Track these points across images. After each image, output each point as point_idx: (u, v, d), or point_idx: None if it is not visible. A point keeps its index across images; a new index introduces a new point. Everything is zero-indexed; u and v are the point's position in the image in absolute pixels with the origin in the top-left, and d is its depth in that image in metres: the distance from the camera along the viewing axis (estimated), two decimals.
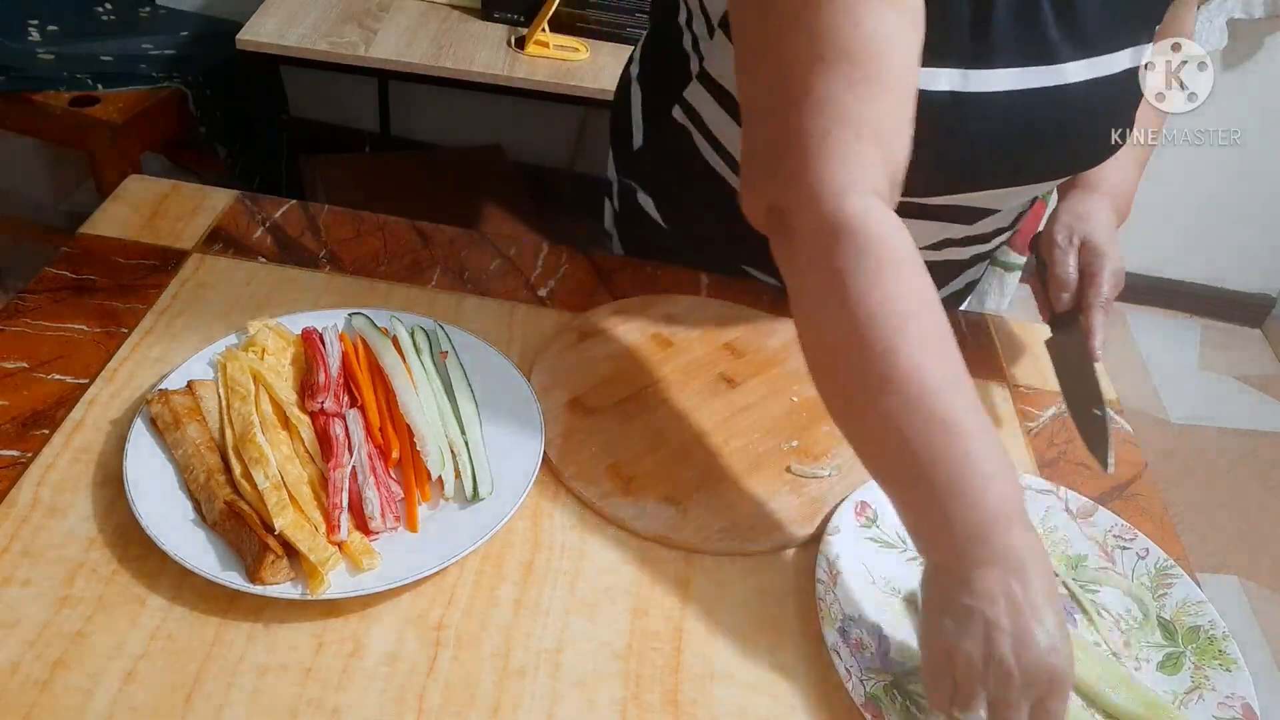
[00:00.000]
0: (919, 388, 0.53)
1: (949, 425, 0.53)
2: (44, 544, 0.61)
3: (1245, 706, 0.62)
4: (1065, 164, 0.78)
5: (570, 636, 0.61)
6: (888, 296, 0.55)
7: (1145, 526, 0.74)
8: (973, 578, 0.52)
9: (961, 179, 0.73)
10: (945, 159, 0.69)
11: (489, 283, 0.88)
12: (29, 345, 0.73)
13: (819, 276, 0.57)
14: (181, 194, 0.92)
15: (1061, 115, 0.72)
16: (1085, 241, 0.78)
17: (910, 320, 0.54)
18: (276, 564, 0.58)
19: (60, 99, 1.75)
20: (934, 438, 0.53)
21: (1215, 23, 2.05)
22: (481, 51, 1.71)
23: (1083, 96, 0.72)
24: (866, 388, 0.55)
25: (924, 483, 0.54)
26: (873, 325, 0.54)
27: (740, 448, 0.75)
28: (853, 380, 0.56)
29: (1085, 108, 0.73)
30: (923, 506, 0.55)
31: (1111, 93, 0.73)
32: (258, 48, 1.66)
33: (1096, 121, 0.75)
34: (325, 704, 0.55)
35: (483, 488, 0.66)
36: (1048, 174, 0.78)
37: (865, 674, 0.60)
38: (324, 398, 0.68)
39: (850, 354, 0.56)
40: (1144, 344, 2.55)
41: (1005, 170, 0.74)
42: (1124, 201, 0.84)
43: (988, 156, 0.72)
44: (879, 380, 0.54)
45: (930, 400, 0.53)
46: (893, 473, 0.56)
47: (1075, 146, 0.76)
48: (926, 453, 0.53)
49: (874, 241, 0.55)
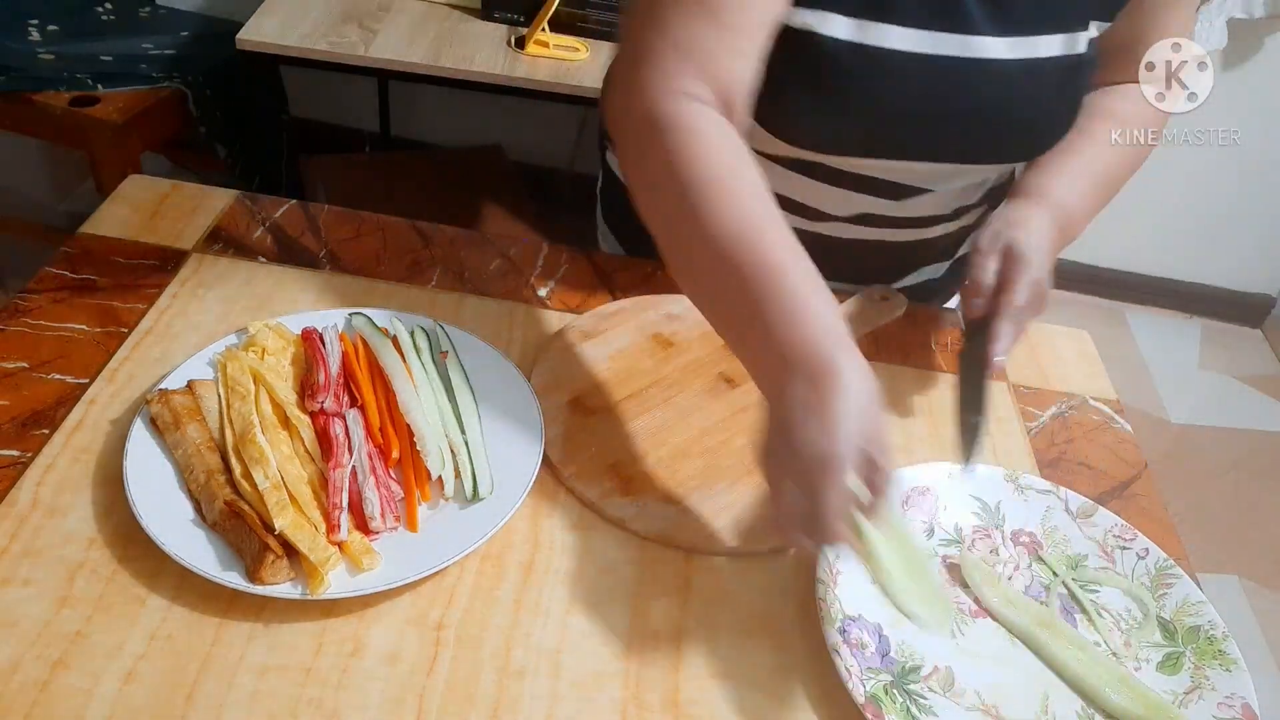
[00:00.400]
0: (731, 239, 0.60)
1: (759, 268, 0.59)
2: (44, 544, 0.61)
3: (1245, 706, 0.62)
4: (986, 147, 0.77)
5: (570, 636, 0.61)
6: (698, 165, 0.62)
7: (1145, 526, 0.74)
8: (783, 394, 0.57)
9: (872, 141, 0.75)
10: (851, 114, 0.72)
11: (489, 283, 0.88)
12: (29, 345, 0.73)
13: (647, 164, 0.65)
14: (181, 194, 0.92)
15: (981, 93, 0.72)
16: (1010, 248, 0.73)
17: (713, 184, 0.62)
18: (276, 564, 0.58)
19: (60, 99, 1.75)
20: (748, 282, 0.59)
21: (1215, 23, 2.05)
22: (481, 51, 1.71)
23: (1006, 78, 0.72)
24: (692, 247, 0.62)
25: (745, 325, 0.60)
26: (689, 192, 0.62)
27: (740, 447, 0.75)
28: (680, 243, 0.64)
29: (1009, 91, 0.73)
30: (748, 345, 0.61)
31: (1041, 80, 0.73)
32: (258, 48, 1.66)
33: (1022, 108, 0.75)
34: (325, 704, 0.55)
35: (483, 488, 0.66)
36: (969, 154, 0.78)
37: (865, 674, 0.60)
38: (324, 398, 0.68)
39: (675, 222, 0.63)
40: (1144, 344, 2.55)
41: (918, 141, 0.75)
42: (1069, 219, 0.78)
43: (898, 122, 0.73)
44: (700, 238, 0.61)
45: (740, 248, 0.60)
46: (723, 320, 0.63)
47: (997, 130, 0.75)
48: (743, 296, 0.59)
49: (684, 130, 0.63)
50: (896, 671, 0.61)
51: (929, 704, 0.60)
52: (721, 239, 0.60)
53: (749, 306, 0.59)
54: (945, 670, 0.62)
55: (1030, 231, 0.74)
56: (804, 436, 0.55)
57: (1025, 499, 0.74)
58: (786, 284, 0.59)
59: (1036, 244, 0.74)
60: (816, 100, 0.70)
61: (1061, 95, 0.76)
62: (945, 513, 0.72)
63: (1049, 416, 0.85)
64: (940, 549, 0.70)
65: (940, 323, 0.93)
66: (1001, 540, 0.72)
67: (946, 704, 0.60)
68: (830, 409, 0.55)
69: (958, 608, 0.67)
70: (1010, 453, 0.80)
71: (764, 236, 0.60)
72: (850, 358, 0.57)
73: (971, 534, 0.72)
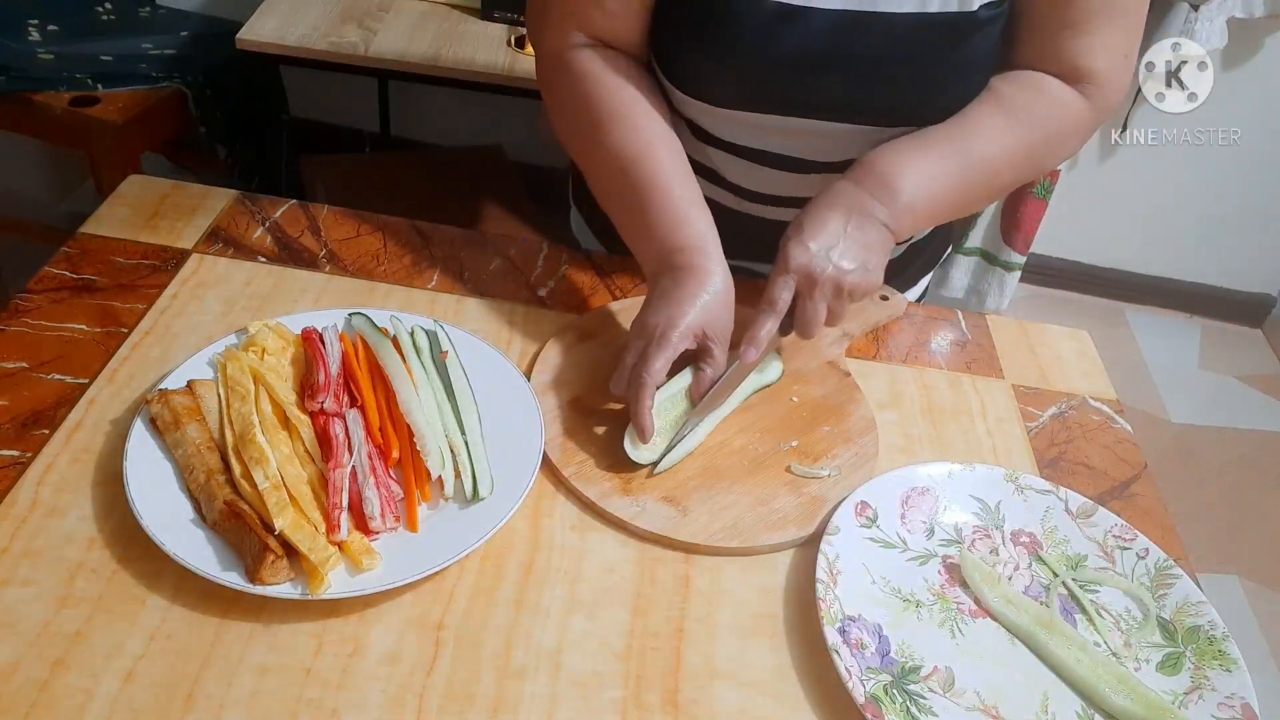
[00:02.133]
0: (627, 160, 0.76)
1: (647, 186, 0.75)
2: (44, 544, 0.61)
3: (1245, 707, 0.62)
4: (878, 103, 0.76)
5: (570, 636, 0.61)
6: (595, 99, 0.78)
7: (1145, 526, 0.74)
8: (654, 285, 0.74)
9: (766, 94, 0.78)
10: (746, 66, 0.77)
11: (489, 283, 0.88)
12: (29, 345, 0.73)
13: (556, 100, 0.83)
14: (181, 194, 0.92)
15: (870, 45, 0.74)
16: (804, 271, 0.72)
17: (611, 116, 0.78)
18: (276, 564, 0.58)
19: (60, 99, 1.75)
20: (639, 196, 0.75)
21: (1215, 23, 2.05)
22: (481, 51, 1.71)
23: (896, 31, 0.73)
24: (597, 168, 0.80)
25: (638, 231, 0.77)
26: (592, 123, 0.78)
27: (740, 448, 0.75)
28: (588, 165, 0.81)
29: (898, 45, 0.74)
30: (639, 247, 0.77)
31: (928, 36, 0.74)
32: (258, 48, 1.66)
33: (909, 62, 0.75)
34: (325, 704, 0.55)
35: (483, 488, 0.66)
36: (862, 111, 0.77)
37: (865, 674, 0.60)
38: (324, 398, 0.68)
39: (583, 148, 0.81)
40: (1144, 344, 2.55)
41: (810, 94, 0.77)
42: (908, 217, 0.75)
43: (789, 73, 0.76)
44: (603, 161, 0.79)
45: (634, 168, 0.76)
46: (623, 227, 0.79)
47: (886, 85, 0.76)
48: (636, 208, 0.76)
49: (581, 73, 0.79)
50: (896, 671, 0.61)
51: (929, 704, 0.60)
52: (620, 160, 0.76)
53: (640, 216, 0.75)
54: (945, 670, 0.62)
55: (809, 208, 0.74)
56: (651, 315, 0.71)
57: (1025, 499, 0.74)
58: (669, 200, 0.74)
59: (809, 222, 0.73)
60: (713, 53, 0.76)
61: (950, 53, 0.75)
62: (945, 513, 0.72)
63: (1049, 416, 0.85)
64: (940, 549, 0.70)
65: (940, 323, 0.93)
66: (1001, 540, 0.72)
67: (946, 704, 0.60)
68: (678, 297, 0.70)
69: (957, 608, 0.67)
70: (1010, 453, 0.80)
71: (653, 159, 0.76)
72: (708, 262, 0.72)
73: (971, 534, 0.72)
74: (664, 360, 0.70)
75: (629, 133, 0.77)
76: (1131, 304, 2.65)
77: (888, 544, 0.69)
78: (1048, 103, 0.79)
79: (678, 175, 0.76)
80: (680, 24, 0.78)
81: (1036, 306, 2.55)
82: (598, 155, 0.79)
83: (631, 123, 0.77)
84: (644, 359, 0.70)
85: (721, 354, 0.73)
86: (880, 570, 0.67)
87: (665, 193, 0.75)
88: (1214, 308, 2.66)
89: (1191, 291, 2.64)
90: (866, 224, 0.73)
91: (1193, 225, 2.53)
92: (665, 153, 0.77)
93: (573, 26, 0.80)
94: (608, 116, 0.77)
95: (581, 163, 0.82)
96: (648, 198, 0.75)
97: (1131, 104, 2.12)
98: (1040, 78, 0.79)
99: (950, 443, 0.80)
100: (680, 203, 0.75)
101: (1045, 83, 0.79)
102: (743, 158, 0.85)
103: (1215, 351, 2.58)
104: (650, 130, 0.77)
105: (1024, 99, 0.78)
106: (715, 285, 0.72)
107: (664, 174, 0.75)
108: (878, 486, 0.71)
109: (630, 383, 0.71)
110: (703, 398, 0.73)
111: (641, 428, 0.70)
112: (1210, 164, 2.39)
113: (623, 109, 0.78)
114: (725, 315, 0.73)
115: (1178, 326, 2.64)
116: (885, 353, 0.88)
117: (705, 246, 0.73)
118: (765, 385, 0.79)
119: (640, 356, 0.70)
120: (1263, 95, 2.26)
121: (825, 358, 0.84)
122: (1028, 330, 0.95)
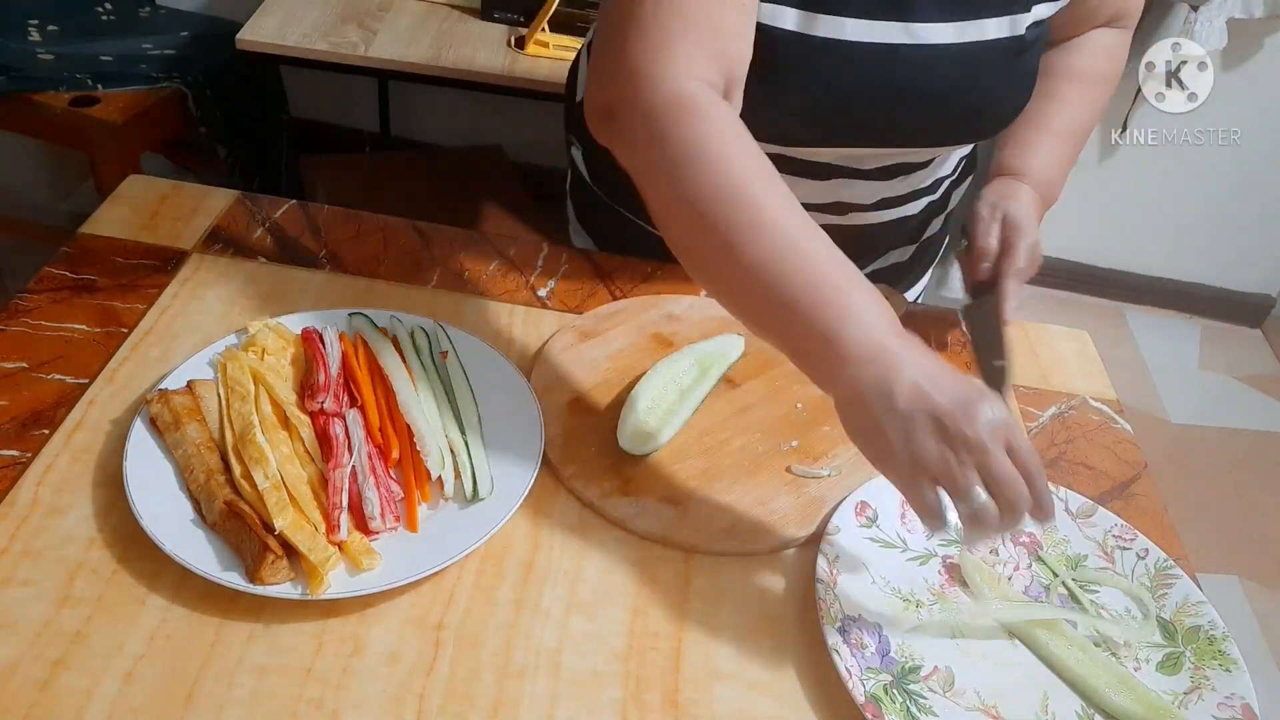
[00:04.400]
0: (784, 231, 0.57)
1: (816, 262, 0.57)
2: (44, 544, 0.61)
3: (1245, 707, 0.62)
4: (934, 131, 0.81)
5: (570, 636, 0.61)
6: (741, 156, 0.59)
7: (1145, 526, 0.74)
8: (889, 389, 0.53)
9: (819, 130, 0.77)
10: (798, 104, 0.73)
11: (489, 283, 0.88)
12: (29, 345, 0.73)
13: (668, 148, 0.60)
14: (181, 194, 0.92)
15: (925, 77, 0.74)
16: (1007, 217, 0.81)
17: (765, 177, 0.59)
18: (276, 564, 0.58)
19: (60, 99, 1.75)
20: (805, 275, 0.56)
21: (1215, 23, 2.05)
22: (481, 51, 1.71)
23: (949, 62, 0.74)
24: (736, 239, 0.57)
25: (805, 319, 0.56)
26: (734, 181, 0.58)
27: (740, 448, 0.75)
28: (718, 232, 0.58)
29: (953, 74, 0.75)
30: (811, 342, 0.57)
31: (984, 62, 0.75)
32: (258, 48, 1.66)
33: (966, 91, 0.76)
34: (325, 704, 0.55)
35: (483, 488, 0.66)
36: (918, 138, 0.81)
37: (865, 674, 0.60)
38: (324, 398, 0.68)
39: (715, 208, 0.58)
40: (1144, 344, 2.55)
41: (865, 128, 0.77)
42: (1048, 189, 0.86)
43: (844, 110, 0.75)
44: (750, 227, 0.57)
45: (796, 242, 0.57)
46: (773, 315, 0.58)
47: (943, 114, 0.78)
48: (805, 290, 0.56)
49: (716, 113, 0.60)
50: (896, 671, 0.61)
51: (929, 704, 0.60)
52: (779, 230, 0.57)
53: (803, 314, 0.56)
54: (945, 670, 0.62)
55: (1021, 204, 0.82)
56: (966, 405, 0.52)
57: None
58: (841, 296, 0.56)
59: (1028, 213, 0.82)
60: (765, 91, 0.71)
61: (1005, 77, 0.78)
62: (945, 513, 0.72)
63: (1049, 416, 0.85)
64: (940, 549, 0.70)
65: (940, 323, 0.93)
66: (1001, 540, 0.72)
67: (946, 704, 0.60)
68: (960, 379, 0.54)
69: (957, 608, 0.67)
70: None
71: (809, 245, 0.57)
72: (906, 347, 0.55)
73: None
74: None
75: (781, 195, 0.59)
76: (1131, 304, 2.65)
77: (888, 544, 0.69)
78: (1108, 56, 0.89)
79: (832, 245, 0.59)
80: None
81: (1036, 306, 2.55)
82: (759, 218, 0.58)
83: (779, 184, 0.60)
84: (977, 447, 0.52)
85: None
86: (880, 570, 0.67)
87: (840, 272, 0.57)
88: (1214, 308, 2.65)
89: (1191, 291, 2.64)
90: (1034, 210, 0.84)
91: (1193, 225, 2.53)
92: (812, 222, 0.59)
93: (708, 53, 0.62)
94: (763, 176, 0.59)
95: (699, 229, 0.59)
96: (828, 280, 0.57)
97: (1131, 104, 2.12)
98: (1092, 38, 0.88)
99: None
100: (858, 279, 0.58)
101: (1098, 39, 0.88)
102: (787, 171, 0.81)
103: (1215, 351, 2.57)
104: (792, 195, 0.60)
105: (1095, 65, 0.88)
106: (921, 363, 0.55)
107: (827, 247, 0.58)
108: (878, 486, 0.71)
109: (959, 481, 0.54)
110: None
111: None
112: (1210, 164, 2.39)
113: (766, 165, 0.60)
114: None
115: (1177, 326, 2.64)
116: None
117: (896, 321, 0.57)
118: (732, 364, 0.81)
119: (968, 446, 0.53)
120: (1263, 95, 2.25)
121: None
122: (1028, 330, 0.95)
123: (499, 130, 2.31)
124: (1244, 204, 2.47)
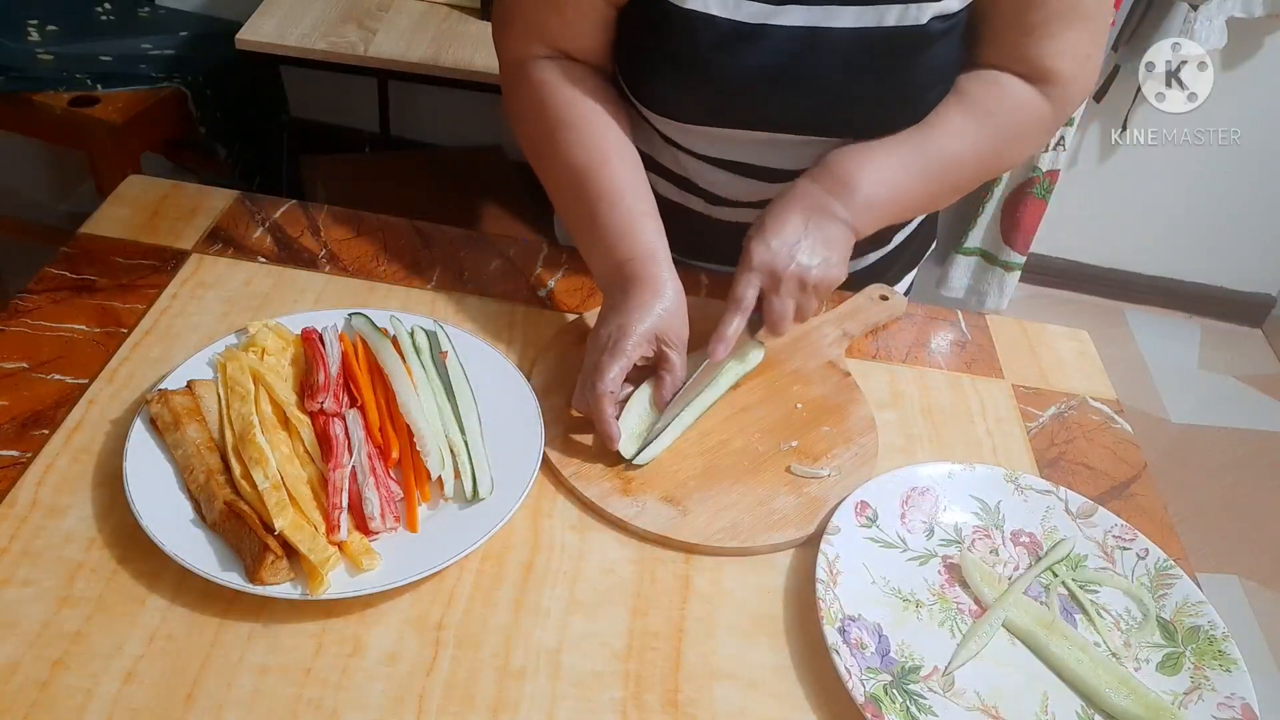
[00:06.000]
0: (580, 171, 0.77)
1: (600, 197, 0.75)
2: (44, 544, 0.61)
3: (1245, 707, 0.62)
4: (838, 117, 0.77)
5: (570, 636, 0.61)
6: (552, 108, 0.79)
7: (1145, 526, 0.74)
8: (606, 296, 0.75)
9: (726, 110, 0.79)
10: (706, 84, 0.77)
11: (489, 283, 0.88)
12: (29, 345, 0.73)
13: (515, 106, 0.83)
14: (181, 194, 0.92)
15: (826, 61, 0.74)
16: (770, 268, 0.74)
17: (567, 127, 0.78)
18: (276, 564, 0.58)
19: (60, 99, 1.75)
20: (592, 206, 0.76)
21: (1215, 22, 2.05)
22: (481, 51, 1.71)
23: (848, 46, 0.73)
24: (553, 176, 0.80)
25: (590, 241, 0.77)
26: (548, 131, 0.79)
27: (740, 448, 0.75)
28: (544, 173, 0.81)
29: (852, 59, 0.74)
30: (593, 256, 0.77)
31: (881, 50, 0.73)
32: (258, 48, 1.66)
33: (864, 77, 0.75)
34: (325, 704, 0.55)
35: (483, 488, 0.66)
36: (822, 125, 0.78)
37: (865, 674, 0.60)
38: (324, 398, 0.68)
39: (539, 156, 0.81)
40: (1144, 344, 2.55)
41: (770, 110, 0.78)
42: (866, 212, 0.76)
43: (749, 90, 0.76)
44: (558, 170, 0.79)
45: (586, 179, 0.76)
46: (576, 234, 0.79)
47: (844, 100, 0.76)
48: (589, 218, 0.76)
49: (540, 81, 0.80)
50: (896, 671, 0.61)
51: (929, 704, 0.60)
52: (572, 171, 0.77)
53: (591, 227, 0.76)
54: (945, 670, 0.62)
55: (772, 209, 0.76)
56: (604, 326, 0.72)
57: (1025, 499, 0.74)
58: (619, 210, 0.75)
59: (771, 222, 0.75)
60: (675, 72, 0.76)
61: (905, 67, 0.75)
62: (945, 513, 0.72)
63: (1049, 416, 0.85)
64: (940, 549, 0.70)
65: (940, 323, 0.93)
66: (1001, 540, 0.72)
67: (946, 704, 0.60)
68: (629, 306, 0.71)
69: (957, 608, 0.67)
70: (1010, 453, 0.80)
71: (605, 170, 0.76)
72: (658, 270, 0.72)
73: (971, 534, 0.72)
74: (618, 369, 0.70)
75: (582, 144, 0.77)
76: (1131, 304, 2.65)
77: (888, 544, 0.69)
78: (1010, 102, 0.79)
79: (629, 186, 0.76)
80: (642, 44, 0.77)
81: (1036, 306, 2.55)
82: (552, 166, 0.79)
83: (585, 133, 0.77)
84: (598, 369, 0.70)
85: (679, 359, 0.73)
86: (880, 570, 0.67)
87: (615, 204, 0.75)
88: (1214, 308, 2.66)
89: (1191, 291, 2.64)
90: (826, 221, 0.75)
91: (1193, 225, 2.53)
92: (618, 164, 0.77)
93: (534, 37, 0.80)
94: (562, 127, 0.78)
95: (538, 172, 0.82)
96: (597, 209, 0.75)
97: (1131, 104, 2.12)
98: (1003, 77, 0.79)
99: (950, 443, 0.80)
100: (630, 213, 0.75)
101: (1007, 82, 0.79)
102: (714, 166, 0.85)
103: (1215, 351, 2.57)
104: (604, 141, 0.77)
105: (986, 97, 0.79)
106: (666, 292, 0.72)
107: (615, 185, 0.76)
108: (877, 486, 0.71)
109: (588, 395, 0.70)
110: (666, 405, 0.73)
111: (608, 436, 0.70)
112: (1210, 164, 2.39)
113: (578, 120, 0.78)
114: (678, 321, 0.73)
115: (1177, 326, 2.64)
116: (885, 353, 0.88)
117: (655, 255, 0.73)
118: (746, 372, 0.80)
119: (594, 368, 0.70)
120: (1263, 95, 2.25)
121: (825, 358, 0.84)
122: (1028, 330, 0.95)
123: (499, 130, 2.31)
124: (1244, 204, 2.47)
